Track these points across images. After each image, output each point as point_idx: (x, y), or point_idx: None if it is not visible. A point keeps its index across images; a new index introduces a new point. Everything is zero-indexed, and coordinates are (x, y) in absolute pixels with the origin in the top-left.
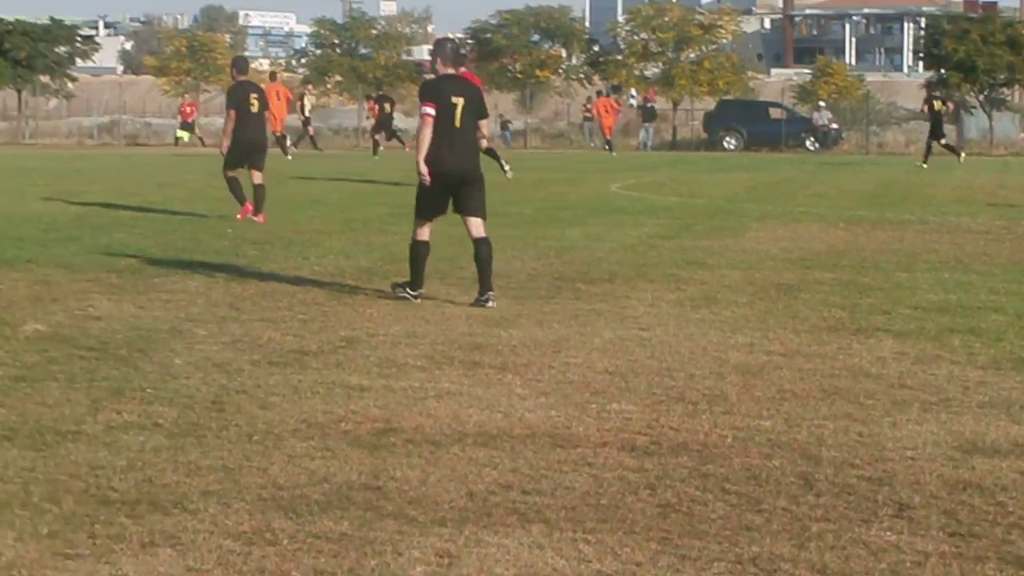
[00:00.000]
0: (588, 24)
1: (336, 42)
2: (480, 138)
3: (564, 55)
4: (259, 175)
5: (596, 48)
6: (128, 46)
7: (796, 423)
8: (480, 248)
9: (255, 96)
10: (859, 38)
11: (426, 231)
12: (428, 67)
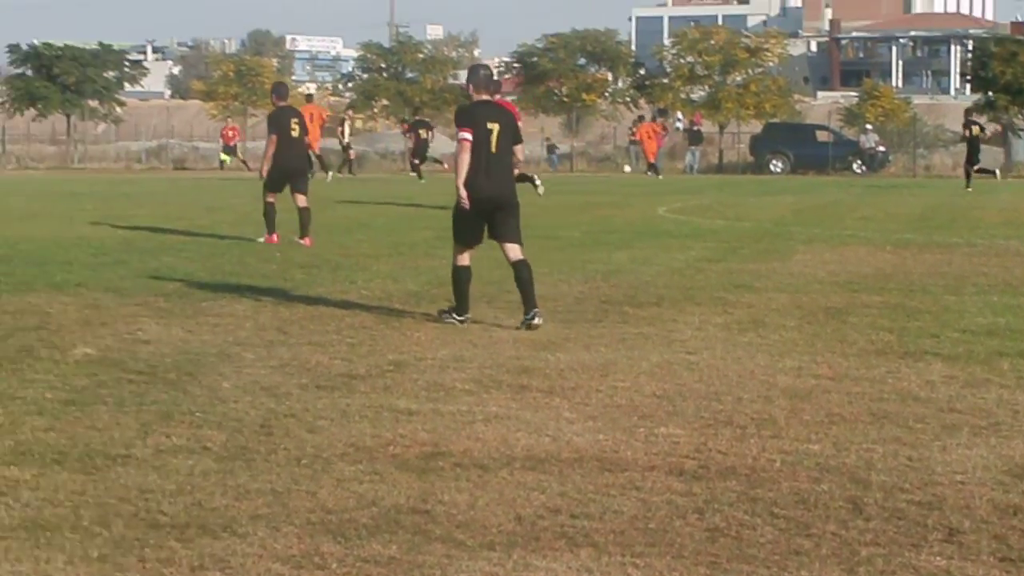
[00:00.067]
0: (634, 47)
1: (383, 66)
2: (516, 163)
3: (610, 78)
4: (303, 199)
5: (642, 71)
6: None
7: (845, 447)
8: (520, 270)
9: (296, 121)
10: (906, 60)
11: (466, 256)
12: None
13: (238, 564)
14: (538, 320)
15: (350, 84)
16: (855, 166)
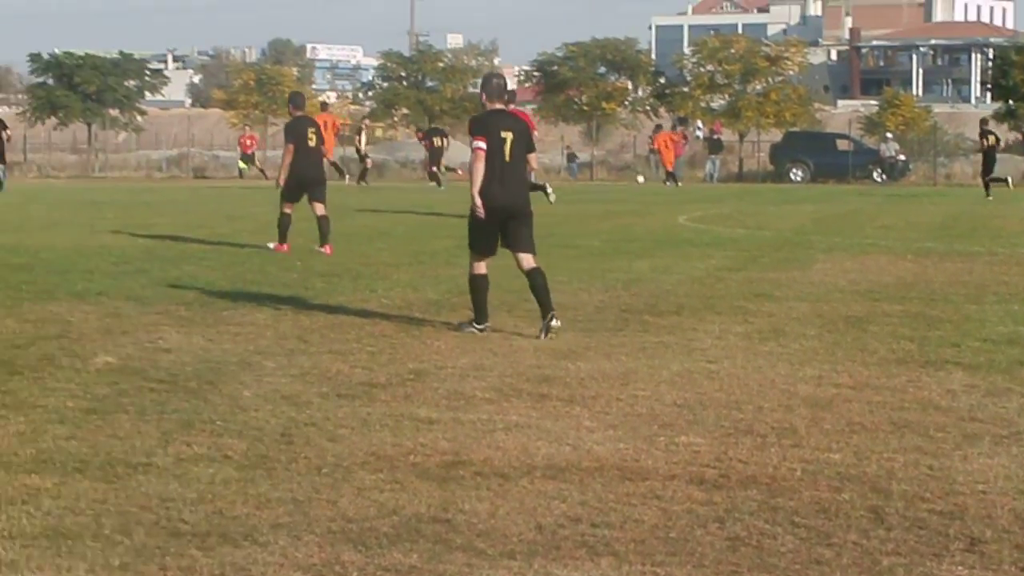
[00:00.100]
0: (654, 56)
1: (403, 75)
2: (530, 172)
3: (630, 87)
4: (321, 207)
5: (662, 80)
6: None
7: (866, 456)
8: (534, 278)
9: (312, 131)
10: (926, 69)
11: (483, 265)
12: None
13: (259, 573)
14: (556, 323)
15: (370, 93)
16: (875, 175)
